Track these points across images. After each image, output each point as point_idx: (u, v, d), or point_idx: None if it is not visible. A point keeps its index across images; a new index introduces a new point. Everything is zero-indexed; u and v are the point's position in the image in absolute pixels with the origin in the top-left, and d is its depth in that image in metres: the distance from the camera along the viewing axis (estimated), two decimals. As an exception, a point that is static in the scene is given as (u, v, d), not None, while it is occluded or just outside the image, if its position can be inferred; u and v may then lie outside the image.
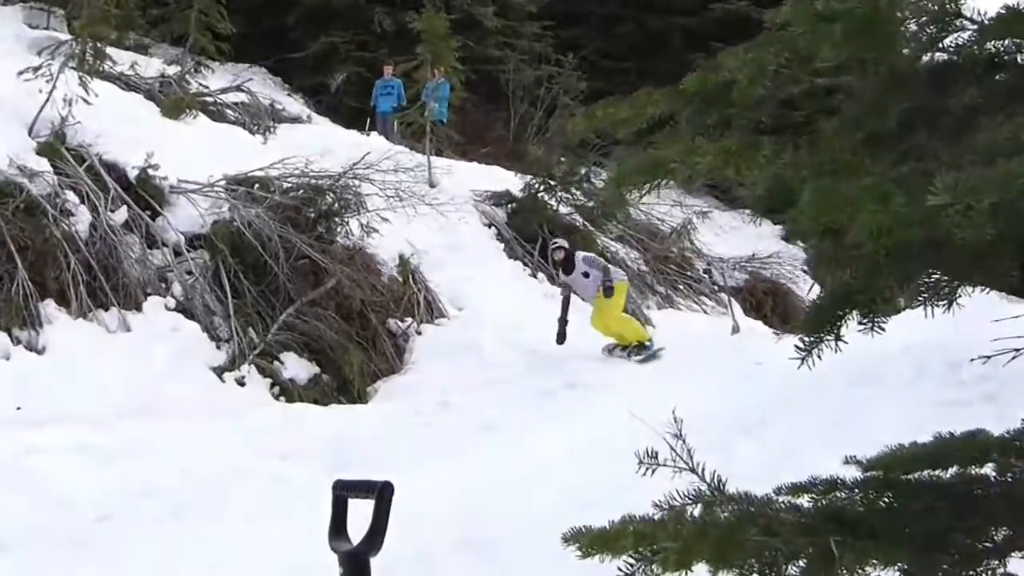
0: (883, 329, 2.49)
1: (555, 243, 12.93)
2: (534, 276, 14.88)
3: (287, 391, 10.24)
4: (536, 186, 16.08)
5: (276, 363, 10.44)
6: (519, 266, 14.99)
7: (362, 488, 2.35)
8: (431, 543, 5.33)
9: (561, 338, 11.84)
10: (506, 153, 20.67)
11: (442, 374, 11.04)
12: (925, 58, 2.44)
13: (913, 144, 2.32)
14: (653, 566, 2.23)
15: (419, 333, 12.14)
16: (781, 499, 2.39)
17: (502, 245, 15.25)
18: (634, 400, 8.58)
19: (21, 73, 11.66)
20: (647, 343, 12.02)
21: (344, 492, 2.40)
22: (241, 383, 10.05)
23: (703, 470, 2.43)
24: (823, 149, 2.33)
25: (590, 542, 2.34)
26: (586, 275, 12.06)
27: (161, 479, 6.91)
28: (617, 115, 2.72)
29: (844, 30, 2.29)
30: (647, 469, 2.45)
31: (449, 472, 7.10)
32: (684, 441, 2.40)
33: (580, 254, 12.53)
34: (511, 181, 16.63)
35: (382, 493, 2.27)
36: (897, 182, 1.96)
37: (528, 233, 15.41)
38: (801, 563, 2.22)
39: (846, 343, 2.58)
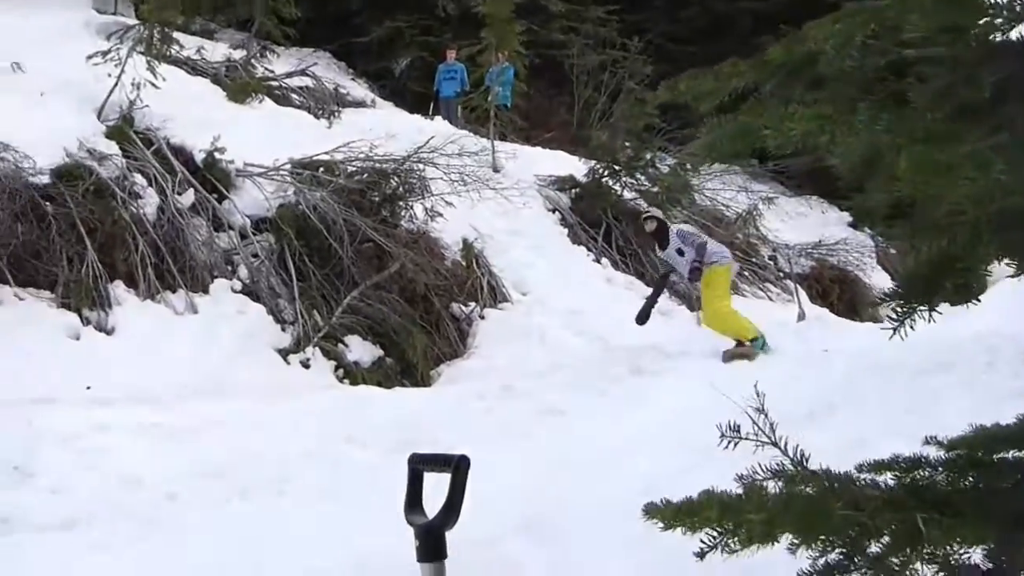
0: (979, 300, 2.42)
1: (647, 213, 11.77)
2: (598, 262, 14.76)
3: (351, 374, 10.27)
4: (600, 171, 15.96)
5: (340, 346, 10.47)
6: (583, 251, 14.89)
7: (438, 461, 2.33)
8: (495, 526, 5.29)
9: (641, 318, 10.95)
10: (570, 138, 20.58)
11: (505, 359, 11.02)
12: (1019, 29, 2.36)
13: (1006, 115, 2.25)
14: (737, 538, 2.19)
15: (482, 318, 12.11)
16: (863, 476, 2.34)
17: (566, 230, 15.16)
18: (699, 387, 8.56)
19: (90, 57, 11.80)
20: (748, 343, 10.42)
21: (420, 465, 2.39)
22: (306, 365, 10.09)
23: (785, 445, 2.38)
24: (916, 117, 2.26)
25: (674, 514, 2.31)
26: (680, 252, 10.86)
27: (228, 459, 6.95)
28: (701, 87, 2.68)
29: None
30: (729, 442, 2.39)
31: (513, 456, 7.06)
32: (767, 415, 2.35)
33: (676, 227, 11.39)
34: (575, 166, 16.55)
35: (458, 466, 2.26)
36: (994, 151, 1.90)
37: (592, 218, 15.31)
38: (885, 539, 2.17)
39: (939, 313, 2.51)
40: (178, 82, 12.91)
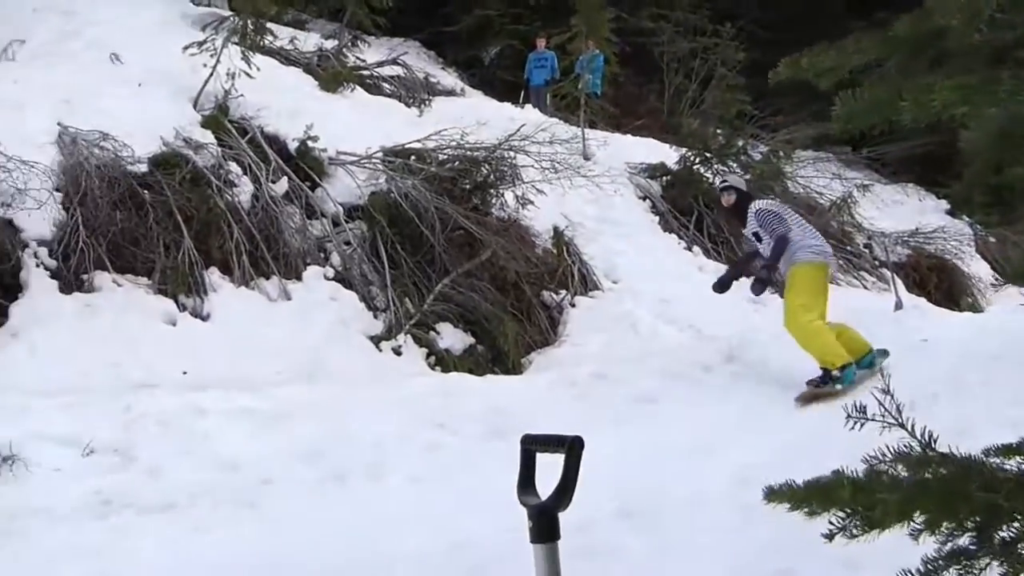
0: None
1: (723, 182, 9.93)
2: (689, 249, 14.61)
3: (442, 361, 10.28)
4: (692, 158, 15.80)
5: (432, 333, 10.49)
6: (674, 239, 14.75)
7: (552, 443, 2.30)
8: (591, 512, 5.26)
9: (719, 285, 9.41)
10: (660, 125, 20.45)
11: (597, 346, 10.96)
12: None
13: None
14: (869, 519, 2.13)
15: (573, 305, 12.05)
16: (991, 460, 2.26)
17: (657, 218, 15.03)
18: (794, 376, 8.43)
19: (187, 48, 11.98)
20: (834, 371, 8.24)
21: (533, 446, 2.35)
22: (398, 352, 10.13)
23: (912, 426, 2.31)
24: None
25: (804, 495, 2.25)
26: (758, 238, 9.02)
27: (322, 443, 7.02)
28: (823, 63, 2.62)
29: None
30: (854, 423, 2.33)
31: (607, 443, 6.98)
32: (892, 396, 2.28)
33: (757, 204, 9.09)
34: (666, 153, 16.41)
35: (572, 448, 2.22)
36: None
37: (683, 206, 15.16)
38: (1016, 525, 2.09)
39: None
40: (271, 72, 13.04)
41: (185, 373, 8.65)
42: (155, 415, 7.22)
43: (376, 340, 10.21)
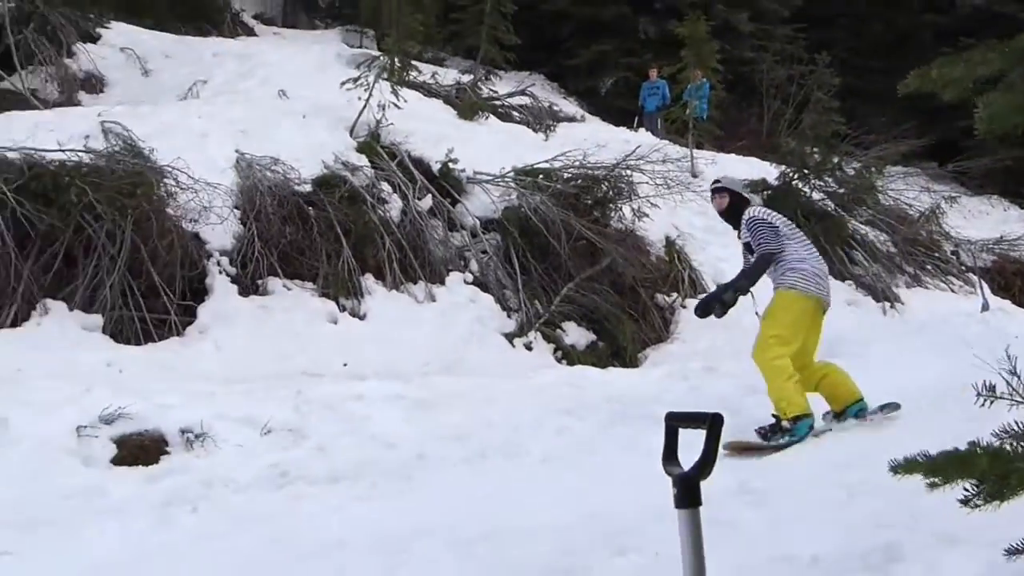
0: None
1: (716, 182, 7.68)
2: (789, 256, 14.40)
3: (568, 355, 10.30)
4: (791, 174, 15.53)
5: (558, 331, 10.52)
6: (775, 247, 14.53)
7: (693, 419, 2.31)
8: (708, 488, 5.22)
9: (700, 308, 7.07)
10: (760, 145, 20.14)
11: (705, 343, 10.82)
12: None
13: None
14: (1006, 486, 2.09)
15: (683, 307, 11.90)
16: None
17: (759, 229, 14.81)
18: (891, 372, 8.20)
19: (343, 84, 12.22)
20: (787, 422, 6.44)
21: (676, 422, 2.37)
22: (528, 347, 10.19)
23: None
24: None
25: (939, 465, 2.21)
26: (748, 249, 6.93)
27: (466, 426, 7.07)
28: (950, 74, 2.57)
29: None
30: (985, 401, 2.28)
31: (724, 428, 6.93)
32: (1020, 377, 2.23)
33: (751, 211, 6.96)
34: (766, 170, 16.15)
35: (713, 423, 2.23)
36: None
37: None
38: None
39: None
40: (416, 103, 13.23)
41: (345, 364, 8.82)
42: (321, 400, 7.34)
43: (510, 337, 10.29)
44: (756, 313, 7.00)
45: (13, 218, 8.62)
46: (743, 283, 6.82)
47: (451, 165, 11.80)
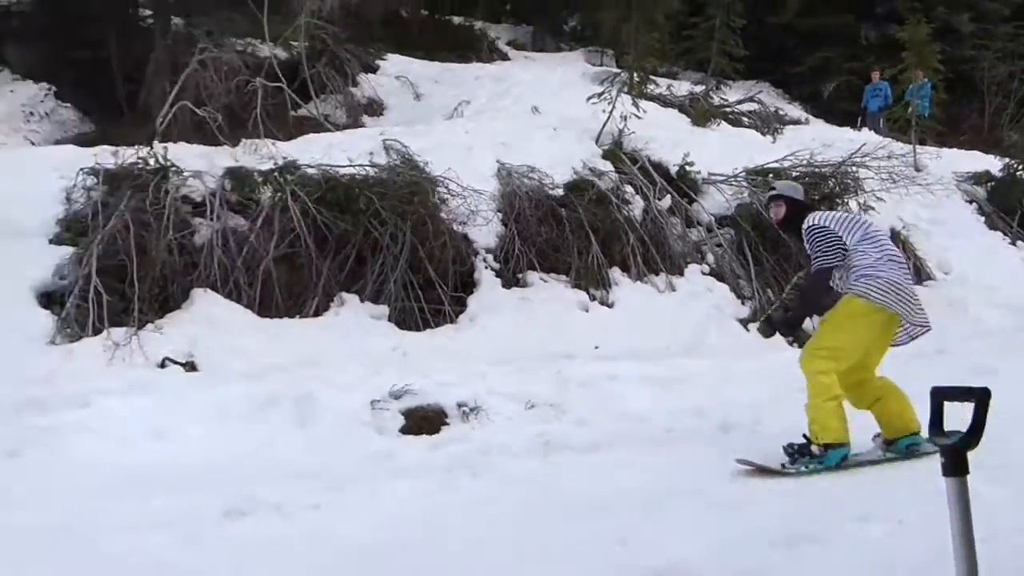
0: None
1: (771, 189, 6.53)
2: (1013, 244, 13.44)
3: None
4: (1015, 166, 14.47)
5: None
6: (999, 236, 13.59)
7: (961, 393, 2.24)
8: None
9: (764, 327, 6.04)
10: (981, 140, 18.87)
11: (933, 326, 10.24)
12: None
13: None
14: None
15: (910, 293, 11.36)
16: None
17: (982, 218, 13.86)
18: None
19: (589, 99, 12.33)
20: (815, 446, 5.34)
21: (943, 396, 2.30)
22: (762, 332, 9.97)
23: None
24: None
25: None
26: (810, 258, 5.58)
27: (709, 403, 7.02)
28: None
29: None
30: None
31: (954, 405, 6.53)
32: None
33: (810, 219, 5.60)
34: (989, 163, 15.11)
35: (981, 397, 2.16)
36: None
37: (1007, 207, 13.87)
38: None
39: None
40: (654, 113, 13.13)
41: (597, 347, 8.91)
42: (578, 379, 7.46)
43: (744, 322, 10.11)
44: None
45: (314, 224, 9.10)
46: (797, 305, 5.64)
47: (687, 168, 11.69)
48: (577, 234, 10.26)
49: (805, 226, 5.52)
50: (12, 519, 4.78)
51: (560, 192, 10.71)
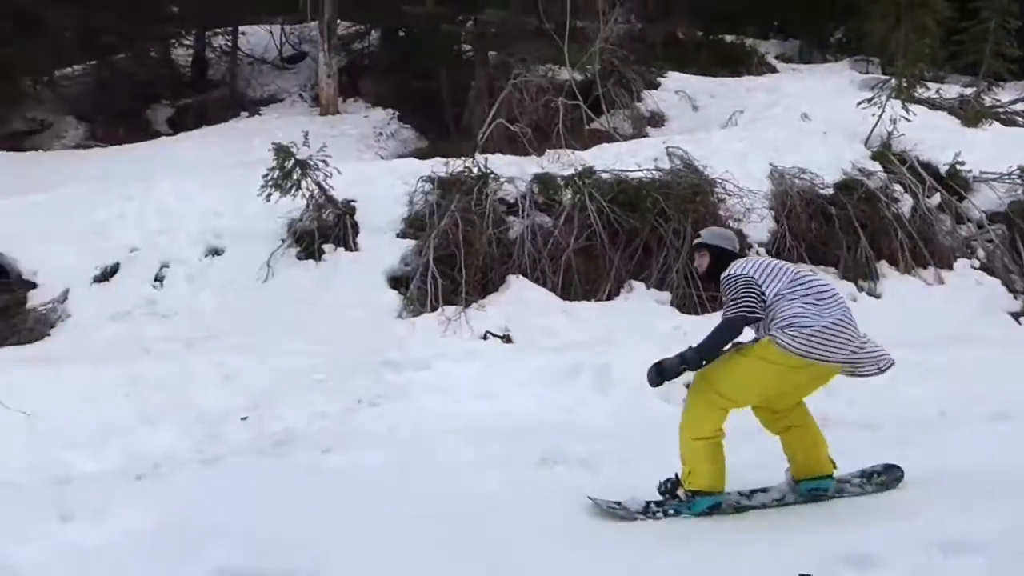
0: None
1: (696, 237, 5.05)
2: None
3: None
4: None
5: None
6: None
7: None
8: None
9: (651, 376, 4.37)
10: None
11: None
12: None
13: None
14: None
15: None
16: None
17: None
18: None
19: (859, 104, 11.60)
20: (683, 492, 4.37)
21: None
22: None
23: None
24: None
25: None
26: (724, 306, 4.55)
27: (981, 389, 6.42)
28: None
29: None
30: None
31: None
32: None
33: (734, 266, 4.43)
34: None
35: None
36: None
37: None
38: None
39: None
40: (923, 116, 12.02)
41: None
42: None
43: (1015, 316, 9.18)
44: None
45: (607, 221, 9.31)
46: (693, 354, 4.25)
47: (958, 167, 10.68)
48: (846, 230, 9.73)
49: (723, 276, 4.40)
50: (367, 458, 5.28)
51: (830, 191, 10.16)
